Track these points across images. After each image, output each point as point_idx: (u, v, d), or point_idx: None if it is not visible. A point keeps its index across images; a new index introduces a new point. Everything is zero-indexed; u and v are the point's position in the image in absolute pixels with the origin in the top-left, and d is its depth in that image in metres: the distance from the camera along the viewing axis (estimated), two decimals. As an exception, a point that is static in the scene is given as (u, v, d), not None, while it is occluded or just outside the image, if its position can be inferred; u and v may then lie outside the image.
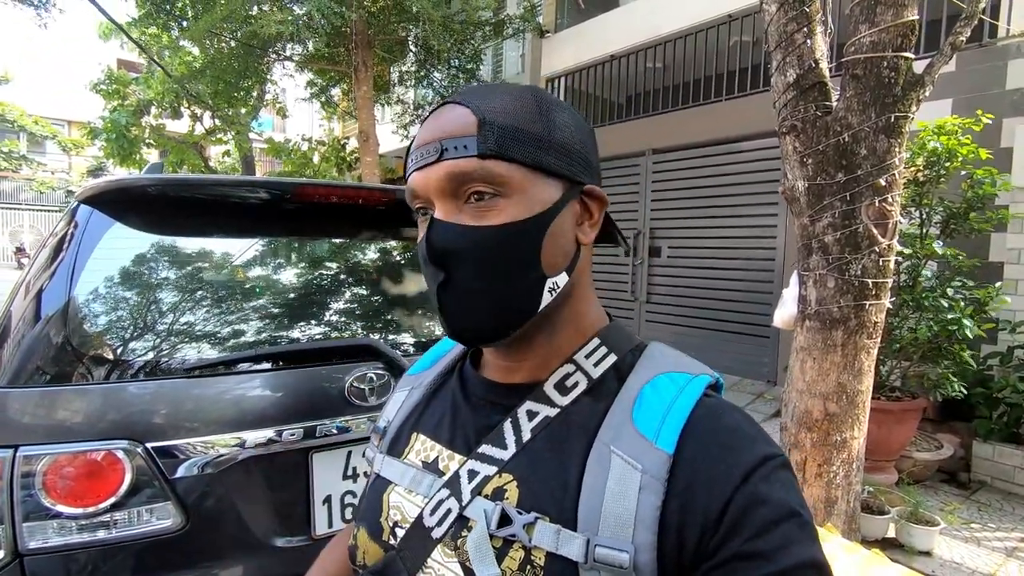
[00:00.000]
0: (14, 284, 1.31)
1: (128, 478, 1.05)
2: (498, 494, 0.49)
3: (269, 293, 1.44)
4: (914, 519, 2.56)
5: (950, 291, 3.04)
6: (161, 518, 1.08)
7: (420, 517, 0.52)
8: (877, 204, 2.05)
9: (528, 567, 0.45)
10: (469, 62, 8.01)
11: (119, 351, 1.17)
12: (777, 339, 4.83)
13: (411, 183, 0.51)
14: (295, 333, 1.40)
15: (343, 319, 1.51)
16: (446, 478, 0.52)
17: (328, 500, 1.28)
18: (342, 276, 1.61)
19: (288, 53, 8.40)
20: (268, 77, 9.08)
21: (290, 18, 5.40)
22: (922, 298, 3.01)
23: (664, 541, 0.43)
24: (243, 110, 11.01)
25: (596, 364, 0.53)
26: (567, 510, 0.46)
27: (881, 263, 2.09)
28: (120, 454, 1.05)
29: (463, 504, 0.50)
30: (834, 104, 2.13)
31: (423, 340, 1.56)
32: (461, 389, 0.59)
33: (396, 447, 0.60)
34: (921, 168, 3.02)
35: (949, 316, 2.90)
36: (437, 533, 0.50)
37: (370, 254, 1.71)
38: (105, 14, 6.44)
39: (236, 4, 5.81)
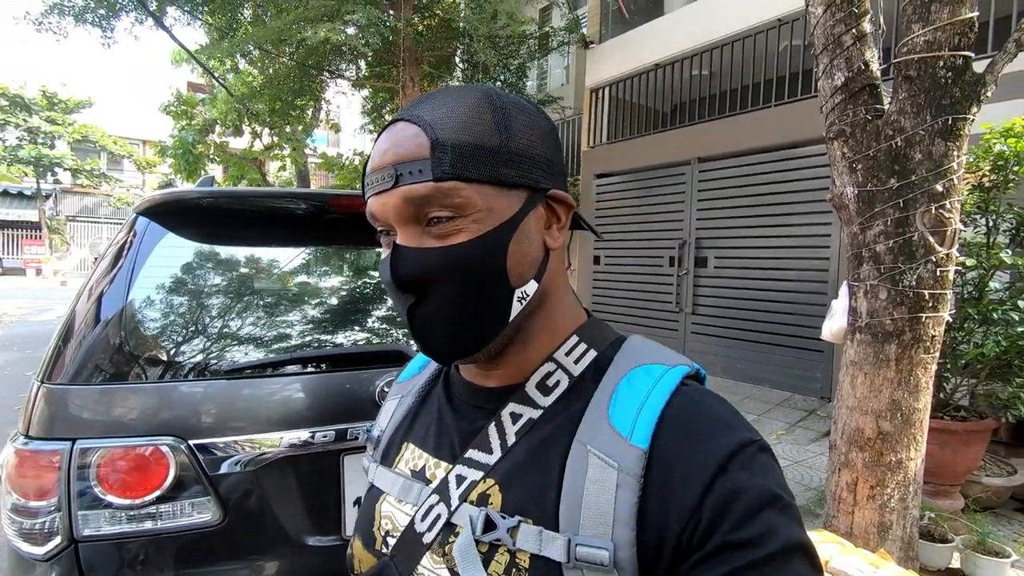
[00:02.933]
0: (79, 288, 1.42)
1: (172, 473, 1.12)
2: (483, 499, 0.49)
3: (308, 300, 1.50)
4: (981, 549, 2.38)
5: (1021, 303, 2.83)
6: (201, 512, 1.13)
7: (412, 523, 0.52)
8: (934, 211, 1.94)
9: (514, 570, 0.45)
10: (514, 76, 8.11)
11: (168, 353, 1.24)
12: (831, 354, 4.61)
13: (370, 207, 0.50)
14: (331, 338, 1.46)
15: (378, 325, 1.55)
16: (435, 484, 0.53)
17: (359, 502, 1.31)
18: (377, 284, 1.66)
19: (340, 71, 8.74)
20: (322, 96, 9.47)
21: (339, 26, 5.62)
22: (989, 311, 2.81)
23: (644, 536, 0.43)
24: (299, 127, 11.53)
25: (576, 361, 0.52)
26: (549, 511, 0.46)
27: (939, 273, 1.97)
28: (165, 450, 1.12)
29: (451, 510, 0.50)
30: (886, 107, 2.04)
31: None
32: (446, 395, 0.59)
33: (388, 457, 0.61)
34: (987, 173, 2.83)
35: (1020, 330, 2.69)
36: (427, 539, 0.50)
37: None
38: (176, 41, 6.91)
39: (287, 21, 6.11)
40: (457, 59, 8.62)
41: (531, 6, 8.74)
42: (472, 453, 0.51)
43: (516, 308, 0.50)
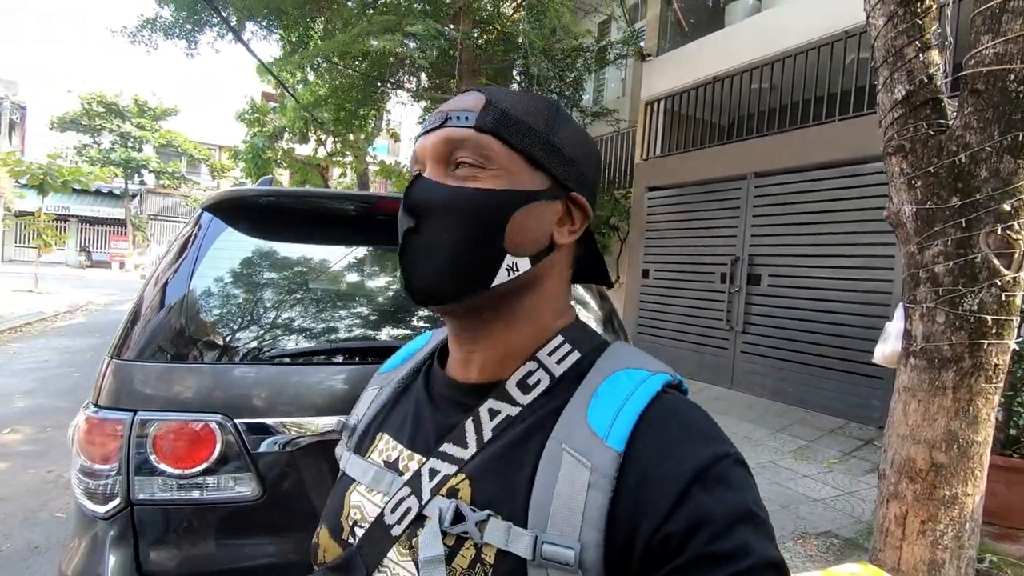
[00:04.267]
0: (148, 275, 1.56)
1: (219, 448, 1.21)
2: (453, 493, 0.49)
3: (354, 295, 1.58)
4: (1051, 601, 2.19)
5: (1108, 337, 2.59)
6: (242, 487, 1.22)
7: (381, 515, 0.52)
8: (1000, 232, 1.83)
9: (478, 565, 0.45)
10: (570, 89, 8.17)
11: (223, 338, 1.34)
12: (891, 380, 4.35)
13: (416, 147, 0.54)
14: (374, 332, 1.53)
15: (422, 323, 1.61)
16: (407, 477, 0.52)
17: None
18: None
19: (401, 82, 9.06)
20: (383, 106, 9.84)
21: (400, 37, 5.85)
22: (1070, 343, 2.60)
23: (612, 539, 0.42)
24: (361, 135, 12.01)
25: (559, 362, 0.52)
26: (518, 508, 0.45)
27: (1004, 298, 1.85)
28: (214, 426, 1.21)
29: (423, 503, 0.49)
30: (949, 122, 1.95)
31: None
32: (426, 388, 0.59)
33: (362, 446, 0.60)
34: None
35: (1105, 366, 2.47)
36: (396, 531, 0.50)
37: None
38: (253, 54, 7.38)
39: (352, 34, 6.41)
40: (514, 72, 8.77)
41: (589, 20, 8.79)
42: (447, 447, 0.51)
43: (503, 275, 0.50)
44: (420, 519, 0.49)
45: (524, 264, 0.51)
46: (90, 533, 1.18)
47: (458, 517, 0.47)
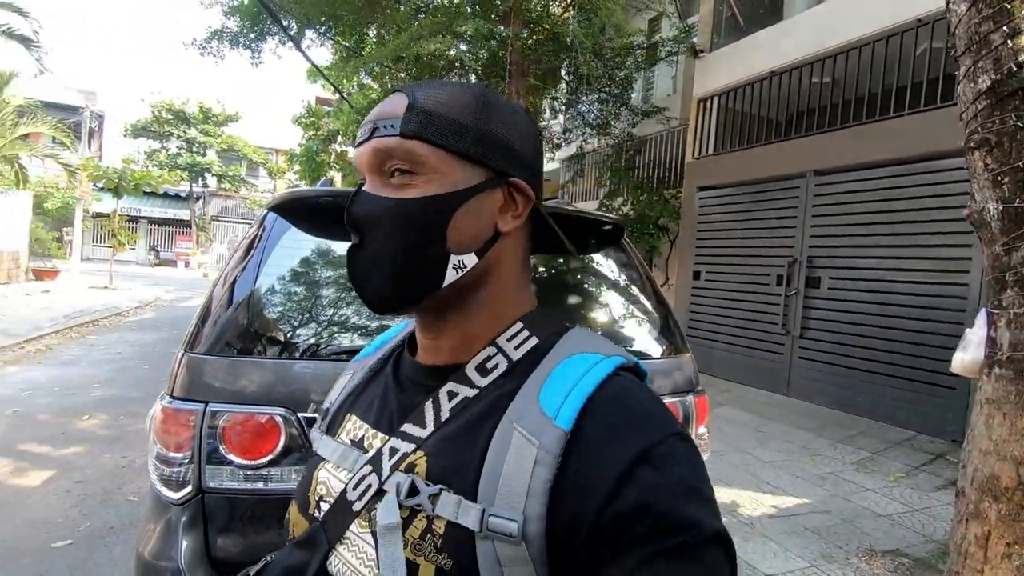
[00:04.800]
0: (218, 272, 1.63)
1: (283, 441, 1.24)
2: (410, 468, 0.51)
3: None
4: None
5: None
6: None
7: (344, 492, 0.54)
8: (1101, 232, 1.67)
9: (428, 535, 0.47)
10: (619, 87, 8.06)
11: (286, 334, 1.39)
12: (967, 390, 4.07)
13: (354, 159, 0.56)
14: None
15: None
16: (370, 455, 0.54)
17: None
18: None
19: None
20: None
21: (450, 39, 5.91)
22: None
23: (555, 514, 0.44)
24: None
25: (517, 347, 0.54)
26: (470, 483, 0.47)
27: (1106, 304, 1.69)
28: (279, 419, 1.25)
29: (382, 480, 0.51)
30: (1042, 113, 1.79)
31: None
32: (394, 373, 0.62)
33: (333, 427, 0.63)
34: None
35: None
36: (357, 507, 0.52)
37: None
38: (310, 61, 7.65)
39: (404, 39, 6.53)
40: (563, 72, 8.73)
41: (640, 17, 8.65)
42: (407, 427, 0.53)
43: (451, 275, 0.52)
44: (380, 494, 0.51)
45: (471, 260, 0.53)
46: (164, 518, 1.25)
47: (413, 490, 0.49)
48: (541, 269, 1.85)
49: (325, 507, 0.55)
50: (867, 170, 5.07)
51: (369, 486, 0.52)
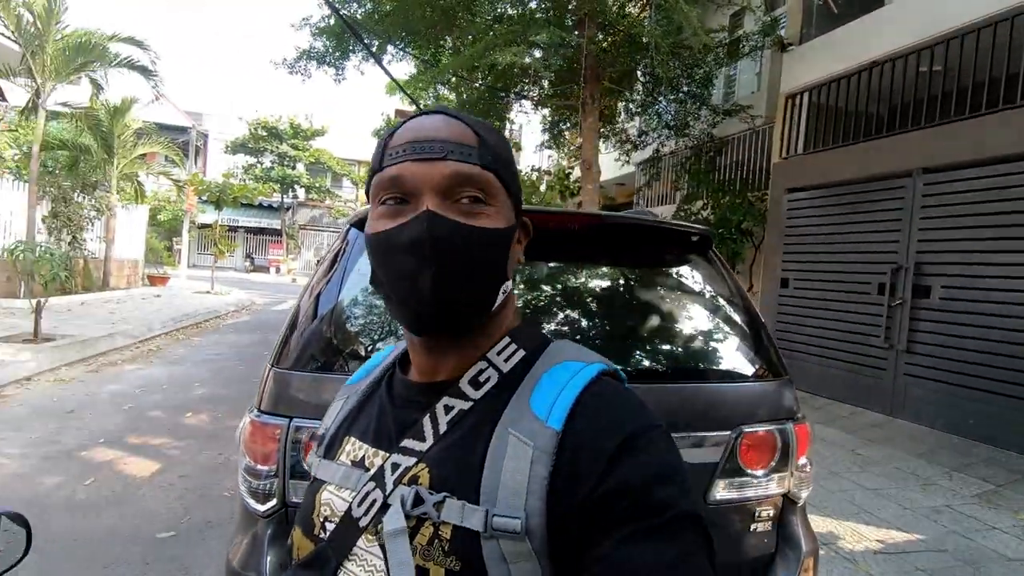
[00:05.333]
0: (304, 286, 1.68)
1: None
2: (413, 480, 0.53)
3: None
4: None
5: None
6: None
7: (349, 509, 0.55)
8: None
9: (436, 540, 0.49)
10: (698, 86, 7.74)
11: (366, 349, 1.40)
12: (1119, 421, 3.51)
13: (400, 172, 0.54)
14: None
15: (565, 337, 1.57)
16: (372, 472, 0.56)
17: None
18: (556, 298, 1.68)
19: (525, 92, 9.20)
20: (506, 116, 10.07)
21: (525, 48, 5.91)
22: None
23: (553, 506, 0.48)
24: (484, 146, 12.39)
25: (507, 360, 0.58)
26: (471, 488, 0.50)
27: None
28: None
29: (386, 494, 0.53)
30: None
31: (630, 370, 1.53)
32: (388, 393, 0.63)
33: (331, 450, 0.63)
34: None
35: None
36: (363, 522, 0.53)
37: (580, 279, 1.75)
38: (390, 76, 7.95)
39: (479, 48, 6.61)
40: (639, 73, 8.52)
41: (721, 13, 8.27)
42: (407, 442, 0.55)
43: (499, 299, 0.57)
44: (384, 508, 0.53)
45: (509, 285, 0.59)
46: (252, 529, 1.28)
47: (418, 500, 0.51)
48: (621, 282, 1.77)
49: (331, 527, 0.56)
50: (987, 166, 4.53)
51: (374, 501, 0.53)
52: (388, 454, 0.56)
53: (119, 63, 10.72)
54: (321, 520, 0.58)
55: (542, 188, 12.91)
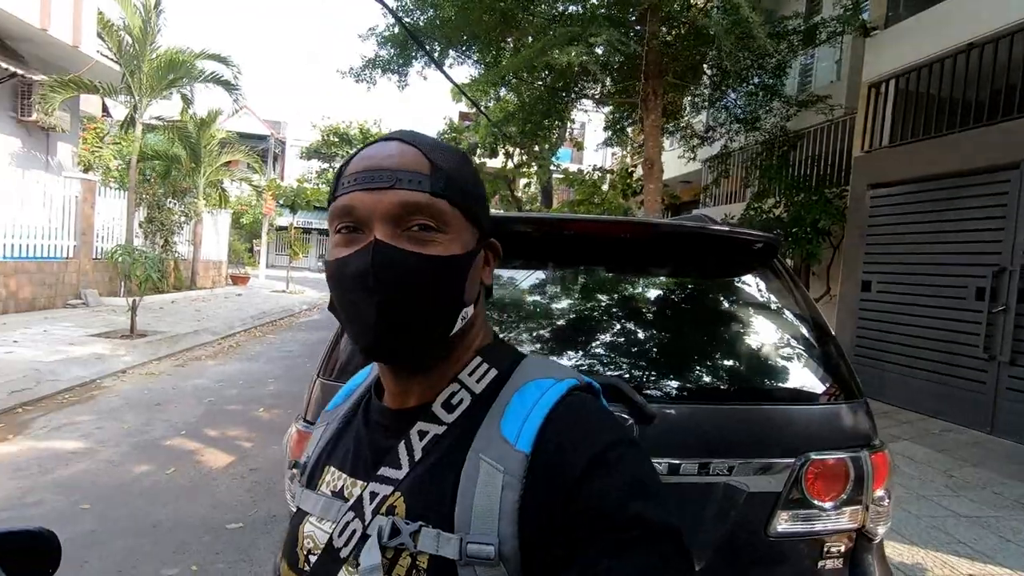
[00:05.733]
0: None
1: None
2: (391, 510, 0.52)
3: (537, 319, 1.53)
4: None
5: None
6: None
7: (330, 540, 0.55)
8: None
9: (414, 571, 0.49)
10: (770, 76, 7.33)
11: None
12: None
13: (351, 202, 0.53)
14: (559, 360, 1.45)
15: (605, 352, 1.50)
16: (351, 502, 0.55)
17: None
18: (605, 309, 1.61)
19: (586, 92, 9.08)
20: (567, 116, 9.98)
21: (582, 49, 5.82)
22: None
23: (526, 529, 0.48)
24: (546, 146, 12.38)
25: (478, 380, 0.57)
26: (446, 516, 0.50)
27: None
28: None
29: (366, 524, 0.53)
30: None
31: (689, 385, 1.44)
32: (364, 421, 0.62)
33: (312, 480, 0.63)
34: None
35: None
36: (344, 553, 0.53)
37: (636, 288, 1.67)
38: (449, 79, 8.07)
39: (537, 48, 6.56)
40: (705, 67, 8.19)
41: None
42: (384, 470, 0.55)
43: (458, 325, 0.56)
44: (364, 538, 0.52)
45: (471, 311, 0.57)
46: (297, 536, 1.31)
47: (394, 531, 0.50)
48: (676, 293, 1.67)
49: (314, 559, 0.56)
50: (1113, 156, 4.00)
51: (354, 532, 0.53)
52: (366, 483, 0.56)
53: (205, 78, 11.53)
54: (304, 553, 0.58)
55: (604, 188, 12.70)
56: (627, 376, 1.41)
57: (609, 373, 1.42)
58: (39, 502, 3.01)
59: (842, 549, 1.34)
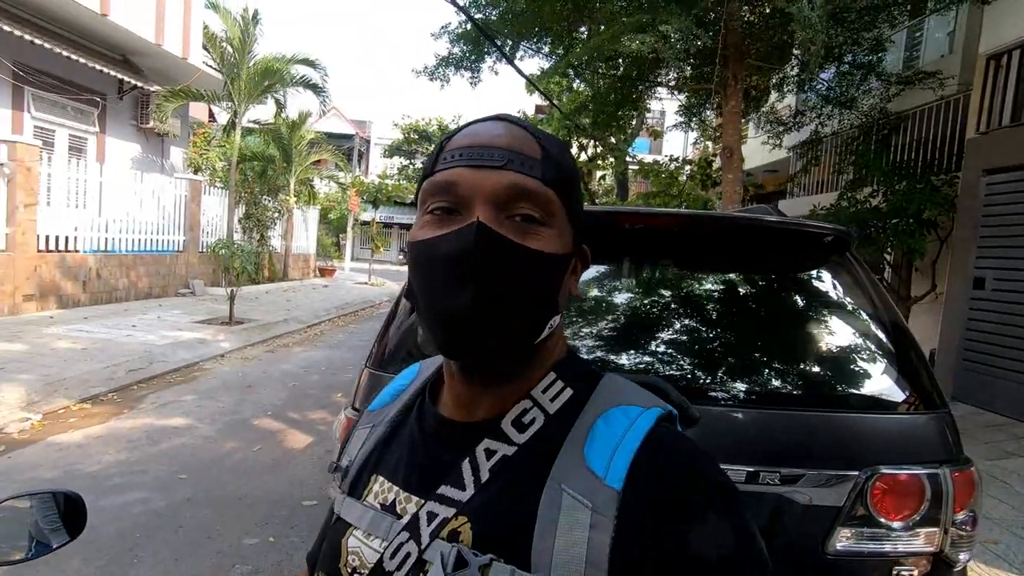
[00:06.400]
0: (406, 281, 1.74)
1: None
2: (453, 536, 0.48)
3: (586, 316, 1.51)
4: None
5: None
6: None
7: (380, 561, 0.50)
8: None
9: None
10: (868, 54, 6.71)
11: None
12: None
13: (454, 177, 0.48)
14: (604, 357, 1.42)
15: (653, 350, 1.46)
16: (405, 520, 0.50)
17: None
18: (654, 305, 1.56)
19: (659, 79, 8.76)
20: (642, 105, 9.69)
21: (653, 37, 5.60)
22: None
23: None
24: (621, 137, 12.10)
25: (553, 399, 0.52)
26: (521, 551, 0.45)
27: None
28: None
29: (422, 548, 0.48)
30: None
31: (742, 387, 1.36)
32: (419, 428, 0.57)
33: (356, 488, 0.57)
34: None
35: None
36: None
37: (688, 285, 1.60)
38: (520, 73, 8.08)
39: (605, 36, 6.40)
40: (796, 47, 7.63)
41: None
42: (444, 489, 0.50)
43: (545, 332, 0.51)
44: (420, 564, 0.48)
45: (557, 319, 0.53)
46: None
47: (460, 562, 0.45)
48: (738, 290, 1.58)
49: None
50: None
51: (408, 555, 0.49)
52: (422, 500, 0.51)
53: (295, 83, 12.28)
54: (349, 571, 0.53)
55: (682, 179, 12.22)
56: (675, 375, 1.36)
57: (655, 371, 1.37)
58: (145, 471, 3.37)
59: (915, 574, 1.21)
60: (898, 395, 1.33)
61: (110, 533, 2.65)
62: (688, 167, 12.32)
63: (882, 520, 1.19)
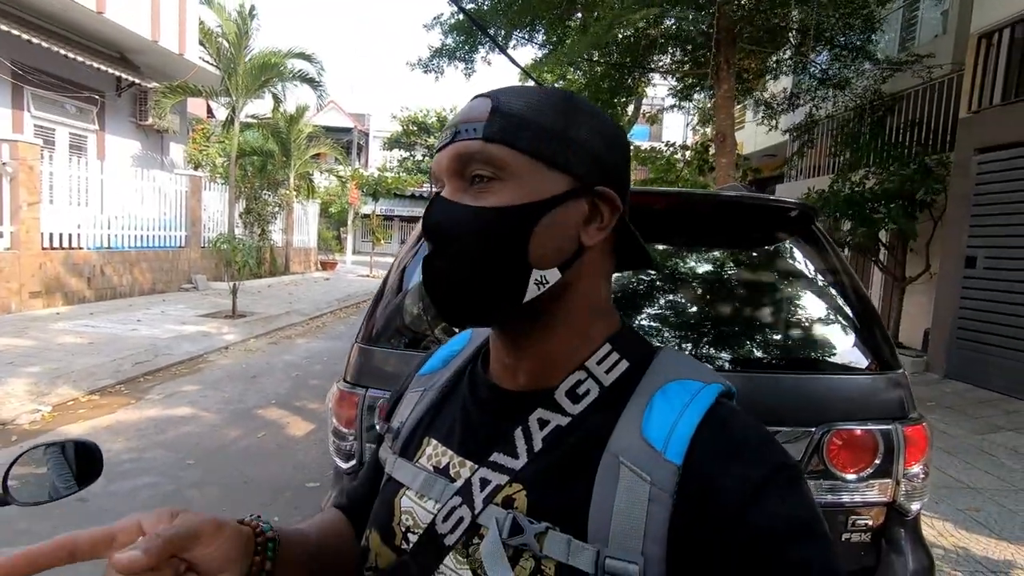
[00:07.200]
0: (393, 261, 1.81)
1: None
2: (508, 503, 0.48)
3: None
4: None
5: None
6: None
7: (433, 524, 0.51)
8: None
9: None
10: (858, 35, 6.71)
11: (428, 328, 1.50)
12: None
13: (433, 164, 0.53)
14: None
15: (633, 318, 1.53)
16: (458, 485, 0.51)
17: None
18: (637, 283, 1.63)
19: (652, 64, 8.76)
20: (637, 92, 9.68)
21: (650, 18, 5.62)
22: None
23: (674, 553, 0.42)
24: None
25: (608, 371, 0.52)
26: (577, 520, 0.45)
27: None
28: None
29: (475, 512, 0.49)
30: None
31: (705, 352, 1.44)
32: (471, 394, 0.58)
33: (408, 450, 0.59)
34: None
35: None
36: (450, 540, 0.49)
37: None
38: (515, 63, 8.09)
39: (603, 25, 6.42)
40: (791, 29, 7.62)
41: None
42: (497, 456, 0.51)
43: (532, 291, 0.49)
44: (474, 527, 0.49)
45: (553, 275, 0.50)
46: (339, 485, 1.46)
47: (516, 528, 0.46)
48: (708, 265, 1.66)
49: (413, 539, 0.53)
50: None
51: (461, 519, 0.49)
52: (476, 466, 0.52)
53: (292, 76, 12.31)
54: (403, 530, 0.54)
55: (678, 165, 12.22)
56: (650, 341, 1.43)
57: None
58: (153, 458, 3.48)
59: (870, 523, 1.30)
60: (856, 357, 1.41)
61: (120, 514, 2.73)
62: (686, 153, 12.33)
63: (837, 473, 1.28)
